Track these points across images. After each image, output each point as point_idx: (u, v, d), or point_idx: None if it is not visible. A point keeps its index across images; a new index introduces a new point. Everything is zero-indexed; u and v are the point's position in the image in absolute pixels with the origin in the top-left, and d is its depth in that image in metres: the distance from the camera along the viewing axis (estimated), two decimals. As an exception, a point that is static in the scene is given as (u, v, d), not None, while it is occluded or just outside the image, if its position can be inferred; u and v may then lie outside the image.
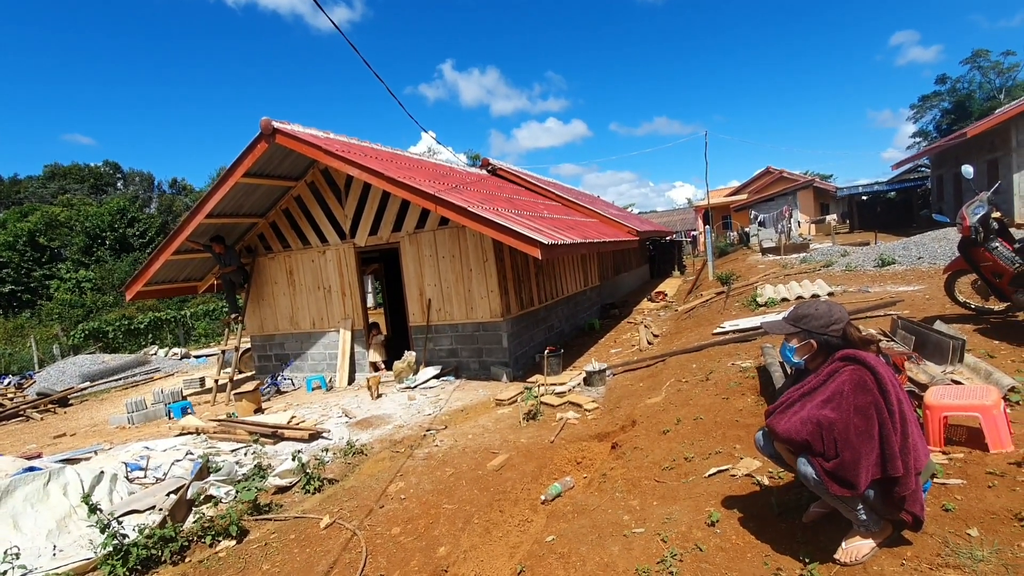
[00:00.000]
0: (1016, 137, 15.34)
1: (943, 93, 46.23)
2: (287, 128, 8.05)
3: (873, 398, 2.08)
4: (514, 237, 6.88)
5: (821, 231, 25.52)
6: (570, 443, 5.03)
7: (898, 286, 8.52)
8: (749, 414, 4.25)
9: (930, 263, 10.07)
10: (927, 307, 6.52)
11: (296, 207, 9.70)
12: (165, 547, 3.72)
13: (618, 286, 16.61)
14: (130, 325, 21.99)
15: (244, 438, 6.24)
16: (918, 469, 2.12)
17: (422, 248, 8.62)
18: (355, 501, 4.38)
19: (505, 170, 15.47)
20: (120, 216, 36.55)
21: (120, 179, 55.56)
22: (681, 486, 3.38)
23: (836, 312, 2.30)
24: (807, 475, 2.17)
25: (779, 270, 13.13)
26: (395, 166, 8.84)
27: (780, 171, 33.72)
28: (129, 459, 5.28)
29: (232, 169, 8.33)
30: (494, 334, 8.25)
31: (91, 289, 31.70)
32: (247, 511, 4.28)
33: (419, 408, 7.07)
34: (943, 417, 3.06)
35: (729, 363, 5.82)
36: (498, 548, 3.42)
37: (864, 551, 2.21)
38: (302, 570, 3.48)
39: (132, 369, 15.19)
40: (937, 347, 4.09)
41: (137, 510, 4.28)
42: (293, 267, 9.87)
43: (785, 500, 2.81)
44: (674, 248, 24.63)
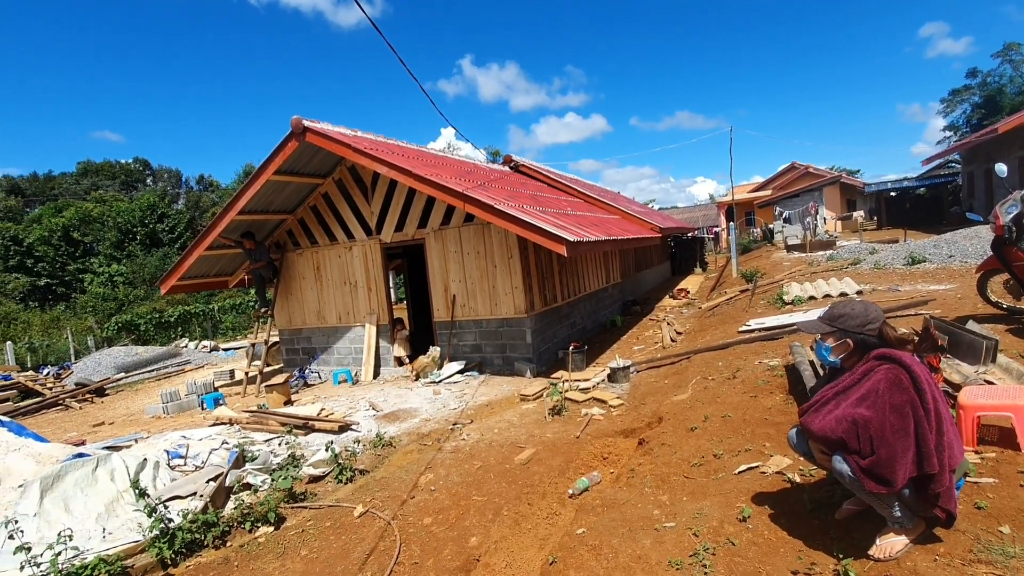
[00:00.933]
0: (1053, 133, 14.83)
1: (973, 87, 44.71)
2: (317, 126, 8.22)
3: (909, 397, 2.11)
4: (540, 234, 6.94)
5: (848, 228, 25.01)
6: (596, 439, 5.09)
7: (929, 285, 8.36)
8: (778, 412, 4.25)
9: (961, 262, 9.85)
10: (959, 307, 6.40)
11: (324, 204, 9.89)
12: (208, 531, 3.89)
13: (640, 283, 16.55)
14: (161, 318, 22.62)
15: (276, 429, 6.44)
16: (952, 467, 2.13)
17: (447, 244, 8.73)
18: (386, 491, 4.51)
19: (528, 167, 15.51)
20: (150, 212, 37.56)
21: (149, 175, 57.05)
22: (711, 482, 3.41)
23: (872, 311, 2.32)
24: (843, 472, 2.20)
25: (805, 268, 12.95)
26: (421, 163, 8.96)
27: (806, 167, 33.09)
28: (169, 447, 5.50)
29: (263, 167, 8.54)
30: (518, 330, 8.33)
31: (123, 283, 32.68)
32: (283, 499, 4.43)
33: (444, 402, 7.19)
34: (976, 417, 3.05)
35: (756, 361, 5.80)
36: (528, 539, 3.50)
37: (898, 547, 2.24)
38: (339, 556, 3.61)
39: (164, 361, 15.65)
40: (970, 347, 4.04)
41: (179, 496, 4.47)
42: (320, 263, 10.07)
43: (817, 497, 2.83)
44: (696, 245, 24.37)
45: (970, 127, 42.51)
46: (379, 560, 3.50)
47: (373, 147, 8.42)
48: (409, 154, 9.82)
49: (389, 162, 7.78)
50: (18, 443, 5.31)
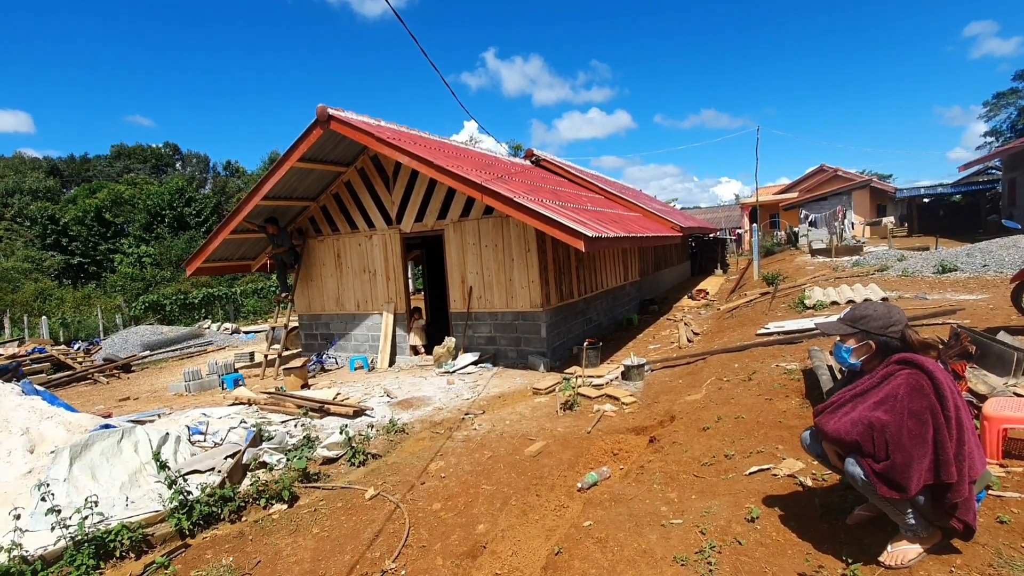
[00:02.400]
0: (1102, 140, 14.23)
1: (1021, 90, 42.98)
2: (341, 115, 8.30)
3: (929, 403, 2.06)
4: (559, 229, 6.92)
5: (876, 234, 24.39)
6: (607, 435, 5.08)
7: (959, 294, 8.13)
8: (793, 416, 4.19)
9: (996, 272, 9.54)
10: (990, 317, 6.21)
11: (346, 192, 10.00)
12: (224, 506, 4.00)
13: (658, 282, 16.40)
14: (185, 300, 23.19)
15: (293, 411, 6.56)
16: (973, 477, 2.08)
17: (466, 236, 8.76)
18: (397, 476, 4.57)
19: (549, 161, 15.45)
20: (178, 196, 38.43)
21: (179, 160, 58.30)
22: (720, 482, 3.39)
23: (895, 314, 2.27)
24: (855, 475, 2.17)
25: (829, 272, 12.68)
26: (443, 155, 8.99)
27: (835, 169, 32.32)
28: (190, 423, 5.66)
29: (288, 153, 8.66)
30: (533, 324, 8.33)
31: (151, 264, 33.54)
32: (298, 478, 4.53)
33: (457, 392, 7.25)
34: (1003, 429, 2.96)
35: (773, 364, 5.71)
36: (535, 529, 3.52)
37: (911, 555, 2.19)
38: (349, 536, 3.68)
39: (187, 341, 16.05)
40: (1000, 358, 3.92)
41: (199, 470, 4.60)
42: (341, 250, 10.20)
43: (829, 501, 2.79)
44: (717, 246, 24.04)
45: (1015, 132, 40.87)
46: (388, 542, 3.55)
47: (395, 137, 8.48)
48: (431, 145, 9.86)
49: (411, 152, 7.83)
50: (51, 411, 5.51)
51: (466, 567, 3.20)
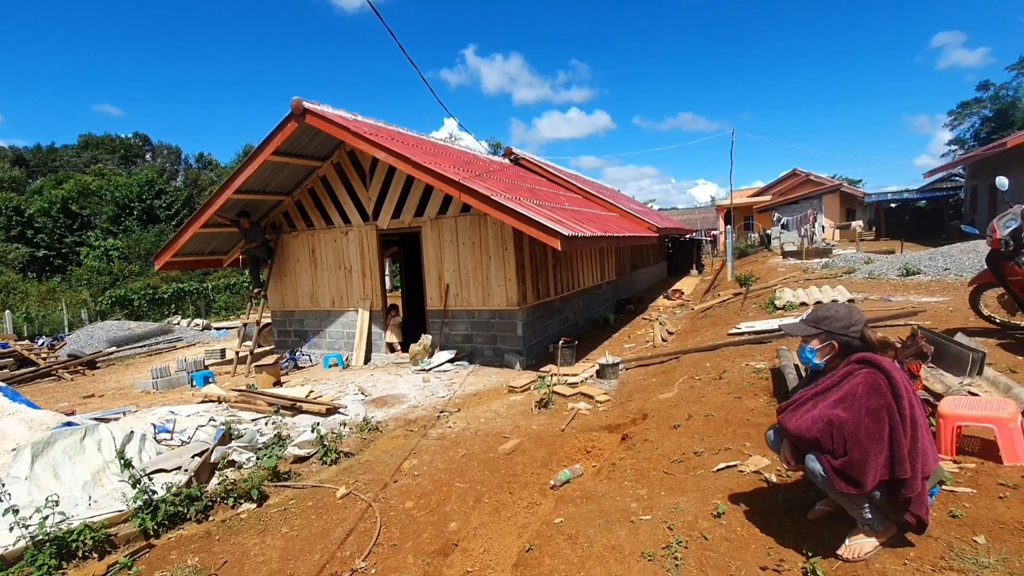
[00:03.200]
0: (1059, 150, 14.87)
1: (985, 100, 44.54)
2: (317, 108, 8.17)
3: (886, 401, 2.13)
4: (535, 227, 6.94)
5: (846, 237, 25.09)
6: (581, 432, 5.12)
7: (921, 296, 8.41)
8: (760, 414, 4.29)
9: (957, 275, 9.89)
10: (950, 319, 6.44)
11: (321, 187, 9.86)
12: (191, 505, 3.91)
13: (634, 282, 16.58)
14: (154, 294, 22.57)
15: (264, 408, 6.45)
16: (926, 473, 2.16)
17: (443, 233, 8.73)
18: (370, 475, 4.53)
19: (528, 160, 15.48)
20: (148, 188, 37.37)
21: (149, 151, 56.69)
22: (689, 479, 3.45)
23: (855, 314, 2.34)
24: (815, 471, 2.23)
25: (799, 274, 12.99)
26: (420, 151, 8.93)
27: (807, 174, 33.11)
28: (156, 421, 5.52)
29: (262, 146, 8.50)
30: (509, 322, 8.35)
31: (118, 257, 32.56)
32: (267, 477, 4.45)
33: (433, 390, 7.22)
34: (956, 427, 3.08)
35: (743, 363, 5.83)
36: (507, 527, 3.53)
37: (867, 549, 2.27)
38: (319, 535, 3.64)
39: (156, 337, 15.63)
40: (956, 359, 4.07)
41: (164, 469, 4.49)
42: (316, 246, 10.06)
43: (791, 497, 2.87)
44: (693, 247, 24.41)
45: (978, 141, 42.39)
46: (359, 540, 3.52)
47: (373, 132, 8.39)
48: (408, 141, 9.79)
49: (388, 148, 7.76)
50: (12, 408, 5.32)
51: (437, 565, 3.20)
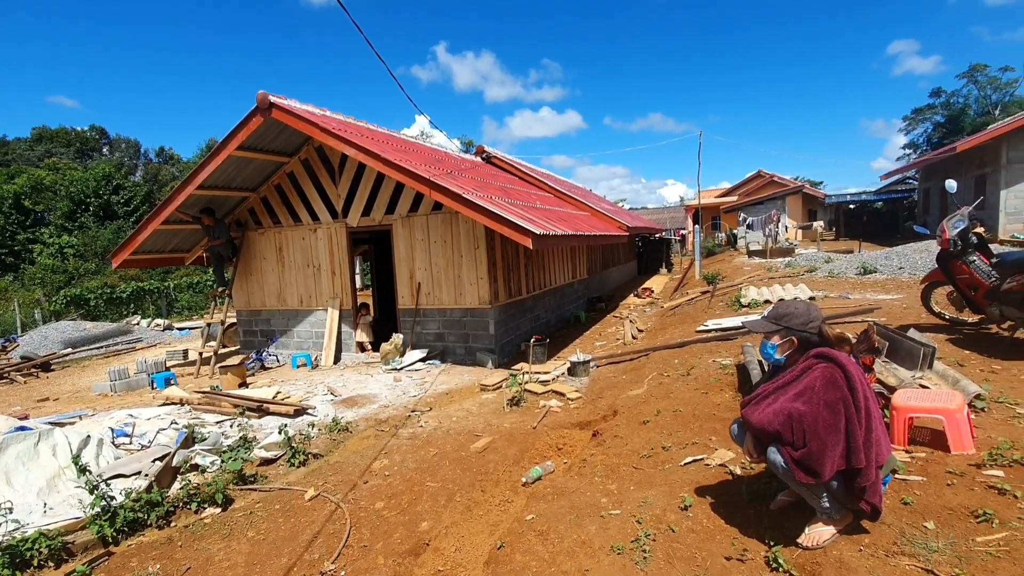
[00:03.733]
0: (1007, 154, 15.67)
1: (937, 106, 46.74)
2: (284, 103, 7.99)
3: (842, 394, 2.21)
4: (507, 226, 6.95)
5: (808, 237, 25.92)
6: (552, 430, 5.16)
7: (877, 294, 8.76)
8: (726, 408, 4.40)
9: (910, 274, 10.34)
10: (903, 316, 6.73)
11: (288, 183, 9.65)
12: (151, 511, 3.79)
13: (605, 280, 16.77)
14: (112, 294, 21.71)
15: (229, 411, 6.28)
16: (879, 463, 2.26)
17: (414, 232, 8.65)
18: (340, 476, 4.47)
19: (500, 158, 15.47)
20: (105, 183, 35.82)
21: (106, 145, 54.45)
22: (658, 473, 3.52)
23: (813, 311, 2.44)
24: (776, 463, 2.31)
25: (764, 273, 13.37)
26: (391, 148, 8.83)
27: (771, 175, 34.07)
28: (114, 425, 5.31)
29: (226, 141, 8.26)
30: (481, 320, 8.34)
31: (74, 255, 31.15)
32: (232, 480, 4.34)
33: (404, 389, 7.16)
34: (908, 418, 3.22)
35: (710, 360, 5.98)
36: (479, 525, 3.54)
37: (825, 536, 2.36)
38: (287, 538, 3.57)
39: (114, 338, 15.04)
40: (909, 353, 4.26)
41: (123, 474, 4.33)
42: (283, 243, 9.84)
43: (755, 489, 2.95)
44: (663, 246, 24.83)
45: (930, 145, 44.39)
46: (328, 543, 3.47)
47: (342, 128, 8.25)
48: (379, 138, 9.67)
49: (357, 144, 7.65)
50: (-45, 414, 5.04)
51: (408, 565, 3.18)
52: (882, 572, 2.17)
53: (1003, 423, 3.38)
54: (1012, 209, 15.77)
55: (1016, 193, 15.69)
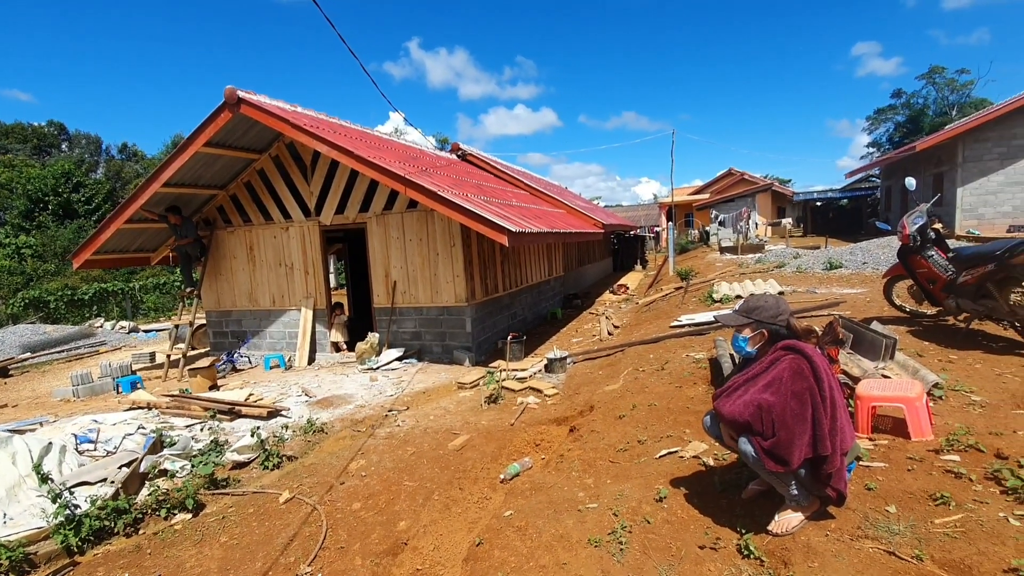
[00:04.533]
0: (962, 153, 16.33)
1: (898, 107, 48.42)
2: (253, 99, 7.82)
3: (808, 384, 2.29)
4: (482, 223, 6.94)
5: (777, 233, 26.55)
6: (530, 426, 5.18)
7: (843, 288, 9.04)
8: (699, 402, 4.49)
9: (874, 268, 10.70)
10: (867, 309, 6.96)
11: (259, 181, 9.44)
12: (119, 518, 3.68)
13: (581, 277, 16.90)
14: (74, 296, 20.91)
15: (199, 414, 6.14)
16: (844, 450, 2.34)
17: (389, 230, 8.57)
18: (315, 477, 4.41)
19: (475, 156, 15.43)
20: (65, 180, 34.47)
21: (65, 141, 52.30)
22: (633, 466, 3.57)
23: (782, 305, 2.51)
24: (747, 453, 2.37)
25: (735, 269, 13.66)
26: (365, 145, 8.73)
27: (742, 173, 34.78)
28: (78, 431, 5.13)
29: (192, 137, 8.03)
30: (458, 318, 8.32)
31: (32, 256, 29.90)
32: (204, 485, 4.25)
33: (381, 389, 7.10)
34: (871, 407, 3.35)
35: (684, 354, 6.08)
36: (457, 523, 3.54)
37: (794, 523, 2.44)
38: (261, 542, 3.51)
39: (76, 341, 14.51)
40: (872, 345, 4.41)
41: (88, 482, 4.18)
42: (254, 242, 9.63)
43: (727, 479, 3.03)
44: (637, 243, 25.13)
45: (892, 144, 45.96)
46: (304, 545, 3.43)
47: (313, 124, 8.11)
48: (352, 135, 9.54)
49: (330, 141, 7.53)
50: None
51: (386, 565, 3.16)
52: (847, 555, 2.26)
53: (959, 410, 3.54)
54: (967, 206, 16.45)
55: (971, 191, 16.38)
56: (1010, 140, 15.90)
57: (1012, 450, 2.84)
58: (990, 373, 4.17)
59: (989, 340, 5.02)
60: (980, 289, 4.74)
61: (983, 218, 16.35)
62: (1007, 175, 16.05)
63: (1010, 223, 16.00)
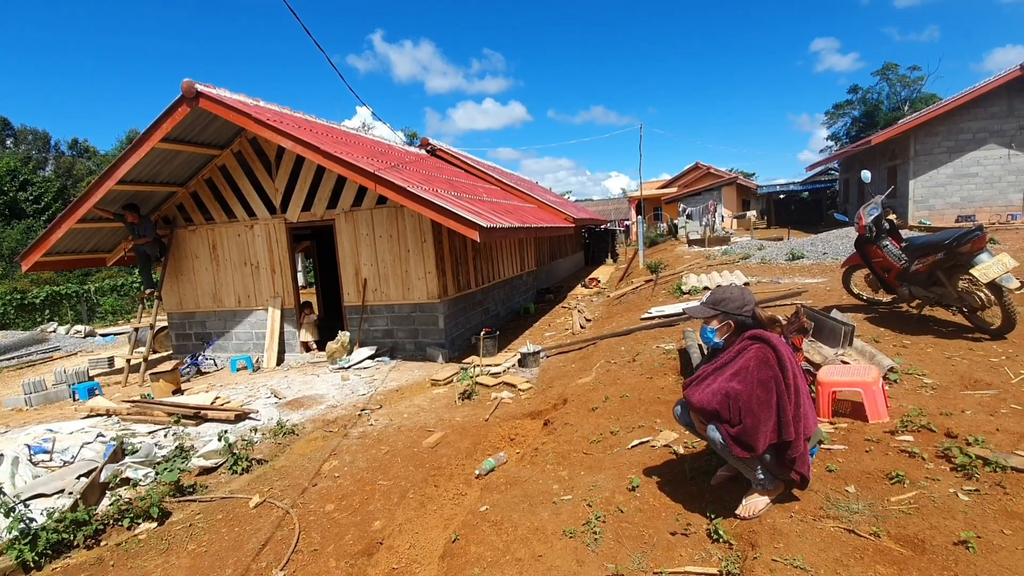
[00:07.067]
0: (914, 146, 17.04)
1: (854, 102, 50.12)
2: (212, 92, 7.57)
3: (773, 373, 2.36)
4: (454, 219, 6.90)
5: (742, 226, 27.21)
6: (504, 421, 5.20)
7: (804, 278, 9.34)
8: (670, 392, 4.59)
9: (833, 258, 11.09)
10: (827, 297, 7.22)
11: (221, 177, 9.16)
12: (78, 531, 3.54)
13: (554, 272, 17.00)
14: (23, 299, 19.91)
15: (163, 419, 5.94)
16: (807, 435, 2.43)
17: (359, 227, 8.44)
18: (287, 480, 4.33)
19: (445, 151, 15.32)
20: (10, 178, 32.75)
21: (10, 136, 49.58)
22: (607, 457, 3.62)
23: (747, 295, 2.58)
24: (715, 440, 2.44)
25: (703, 261, 13.95)
26: (331, 140, 8.56)
27: (708, 167, 35.47)
28: (31, 442, 4.91)
29: (148, 132, 7.73)
30: (431, 315, 8.27)
31: (-25, 259, 28.32)
32: (169, 493, 4.12)
33: (353, 388, 7.00)
34: (832, 392, 3.48)
35: (654, 346, 6.19)
36: (433, 520, 3.53)
37: (760, 506, 2.52)
38: (231, 548, 3.43)
39: (27, 348, 13.82)
40: (832, 332, 4.58)
41: (44, 494, 4.01)
42: (217, 241, 9.35)
43: (697, 466, 3.11)
44: (608, 237, 25.40)
45: (849, 138, 47.55)
46: (275, 550, 3.36)
47: (277, 119, 7.91)
48: (318, 129, 9.34)
49: (295, 136, 7.36)
50: None
51: (361, 566, 3.13)
52: (810, 535, 2.34)
53: (912, 392, 3.71)
54: (919, 197, 17.19)
55: (923, 183, 17.12)
56: (957, 135, 16.68)
57: (961, 429, 2.99)
58: (940, 356, 4.39)
59: (939, 325, 5.28)
60: (931, 276, 4.96)
61: (934, 209, 17.12)
62: (955, 168, 16.83)
63: (958, 213, 16.81)
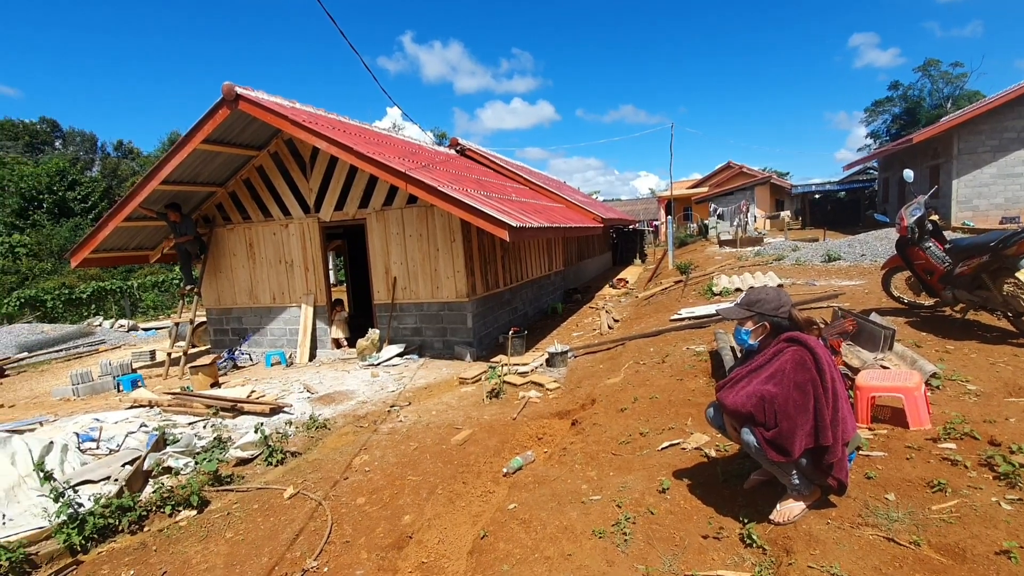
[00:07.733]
0: (958, 145, 16.37)
1: (895, 99, 48.31)
2: (251, 95, 7.79)
3: (811, 376, 2.31)
4: (483, 218, 6.95)
5: (775, 226, 26.55)
6: (532, 420, 5.21)
7: (841, 280, 9.07)
8: (701, 394, 4.52)
9: (872, 260, 10.73)
10: (865, 300, 6.99)
11: (258, 177, 9.43)
12: (123, 516, 3.69)
13: (581, 272, 16.92)
14: (71, 294, 20.87)
15: (201, 411, 6.15)
16: (845, 440, 2.37)
17: (389, 226, 8.57)
18: (319, 473, 4.43)
19: (474, 151, 15.41)
20: (59, 178, 34.31)
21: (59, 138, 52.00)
22: (636, 458, 3.60)
23: (783, 297, 2.53)
24: (749, 443, 2.40)
25: (734, 262, 13.68)
26: (363, 141, 8.71)
27: (740, 166, 34.75)
28: (79, 430, 5.14)
29: (191, 134, 8.01)
30: (459, 314, 8.33)
31: (27, 255, 29.79)
32: (208, 482, 4.26)
33: (382, 385, 7.12)
34: (871, 397, 3.38)
35: (684, 347, 6.11)
36: (461, 516, 3.57)
37: (795, 512, 2.46)
38: (267, 537, 3.53)
39: (74, 340, 14.48)
40: (871, 336, 4.45)
41: (91, 480, 4.20)
42: (253, 239, 9.62)
43: (729, 470, 3.06)
44: (637, 237, 25.15)
45: (889, 136, 45.91)
46: (309, 540, 3.45)
47: (312, 120, 8.10)
48: (351, 130, 9.52)
49: (329, 137, 7.52)
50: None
51: (391, 559, 3.19)
52: (847, 543, 2.29)
53: (955, 399, 3.57)
54: (963, 198, 16.50)
55: (966, 182, 16.43)
56: (1002, 133, 15.96)
57: (1004, 437, 2.88)
58: (984, 362, 4.22)
59: (984, 330, 5.06)
60: (975, 280, 4.77)
61: (977, 210, 16.41)
62: (999, 167, 16.10)
63: (1002, 215, 16.07)
